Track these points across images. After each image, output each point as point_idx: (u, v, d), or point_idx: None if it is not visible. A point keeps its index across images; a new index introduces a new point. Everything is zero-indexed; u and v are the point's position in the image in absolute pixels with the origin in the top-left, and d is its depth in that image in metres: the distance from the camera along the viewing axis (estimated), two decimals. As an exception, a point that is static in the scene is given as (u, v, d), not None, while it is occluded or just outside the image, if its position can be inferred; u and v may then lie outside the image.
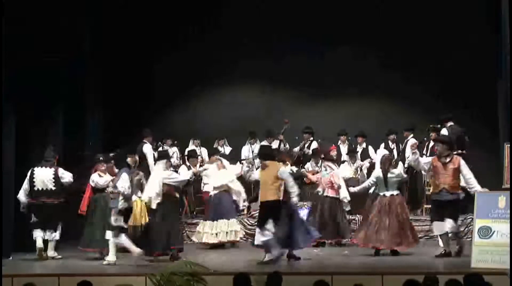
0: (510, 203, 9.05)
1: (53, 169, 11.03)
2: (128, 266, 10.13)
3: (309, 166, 13.78)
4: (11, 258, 10.95)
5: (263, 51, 15.09)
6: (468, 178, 10.10)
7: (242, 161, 13.35)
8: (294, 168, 12.36)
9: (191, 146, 14.22)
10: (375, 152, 13.88)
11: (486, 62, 13.23)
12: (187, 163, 13.35)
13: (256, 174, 10.56)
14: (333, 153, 12.75)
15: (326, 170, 11.91)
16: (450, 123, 12.75)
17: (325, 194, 11.80)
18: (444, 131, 12.70)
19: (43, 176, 10.98)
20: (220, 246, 11.91)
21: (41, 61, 11.90)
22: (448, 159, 10.21)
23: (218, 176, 12.14)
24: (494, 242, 9.10)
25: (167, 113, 15.41)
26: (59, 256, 11.03)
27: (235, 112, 15.24)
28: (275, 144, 14.34)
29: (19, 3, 11.28)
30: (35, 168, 11.02)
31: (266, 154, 10.61)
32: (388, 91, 14.87)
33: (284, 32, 14.86)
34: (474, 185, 10.02)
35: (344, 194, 11.86)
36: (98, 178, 11.00)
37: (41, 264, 10.63)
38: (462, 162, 10.23)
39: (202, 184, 12.89)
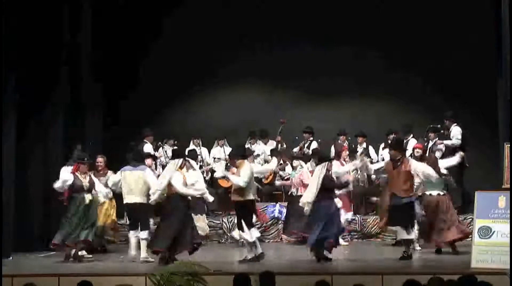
0: (510, 203, 9.05)
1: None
2: (128, 266, 10.14)
3: (309, 166, 13.77)
4: (11, 258, 10.96)
5: (263, 51, 15.09)
6: (423, 172, 10.08)
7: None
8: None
9: (191, 146, 14.21)
10: (375, 152, 13.93)
11: (486, 62, 13.23)
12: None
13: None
14: (345, 153, 12.70)
15: (294, 170, 12.08)
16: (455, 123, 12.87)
17: (298, 193, 11.90)
18: (457, 129, 12.74)
19: None
20: None
21: (41, 60, 11.93)
22: (399, 163, 10.15)
23: None
24: (494, 242, 9.09)
25: (167, 113, 15.41)
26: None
27: (235, 112, 15.23)
28: (271, 145, 14.33)
29: (19, 3, 11.33)
30: None
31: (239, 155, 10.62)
32: (388, 91, 14.86)
33: (284, 32, 14.85)
34: (431, 174, 10.05)
35: (305, 198, 10.69)
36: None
37: (41, 264, 10.64)
38: (413, 163, 10.17)
39: None
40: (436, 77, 14.45)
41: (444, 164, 10.98)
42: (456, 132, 12.89)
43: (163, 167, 13.31)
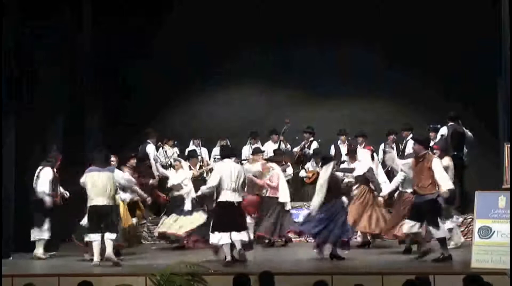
0: (510, 203, 9.06)
1: None
2: (128, 266, 10.14)
3: (309, 166, 13.79)
4: (11, 258, 10.95)
5: (263, 51, 15.10)
6: (438, 178, 9.71)
7: (243, 161, 13.34)
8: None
9: (191, 146, 14.22)
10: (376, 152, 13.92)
11: (486, 61, 13.23)
12: (187, 163, 13.34)
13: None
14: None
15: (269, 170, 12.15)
16: (450, 123, 12.78)
17: (267, 194, 12.05)
18: (443, 130, 12.70)
19: None
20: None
21: (41, 60, 11.94)
22: (421, 159, 9.90)
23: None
24: (494, 242, 9.10)
25: (167, 113, 15.41)
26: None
27: (235, 112, 15.23)
28: (276, 144, 14.33)
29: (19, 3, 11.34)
30: None
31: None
32: (388, 91, 14.86)
33: (284, 32, 14.85)
34: (441, 184, 9.68)
35: (284, 198, 11.92)
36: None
37: (41, 264, 10.63)
38: (435, 161, 9.84)
39: None
40: (436, 77, 14.45)
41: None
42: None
43: (163, 167, 13.35)
